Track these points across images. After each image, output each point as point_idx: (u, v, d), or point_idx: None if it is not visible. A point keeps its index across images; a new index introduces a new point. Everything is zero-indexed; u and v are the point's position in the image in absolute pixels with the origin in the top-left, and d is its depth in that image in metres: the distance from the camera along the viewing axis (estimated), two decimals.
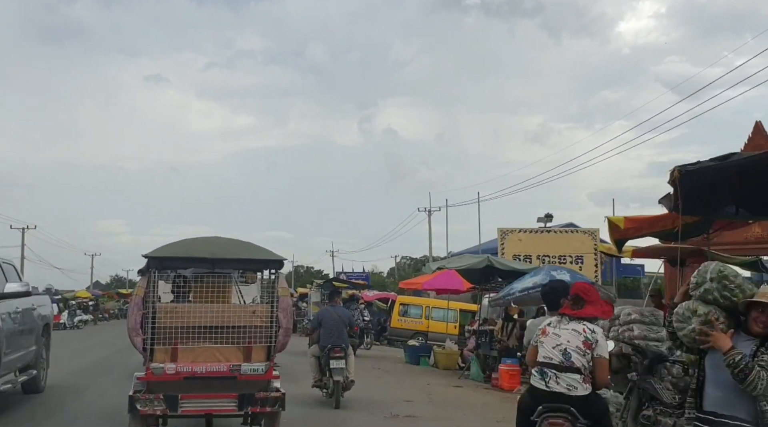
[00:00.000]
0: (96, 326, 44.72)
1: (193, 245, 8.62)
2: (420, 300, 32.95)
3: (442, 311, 30.04)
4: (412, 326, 30.49)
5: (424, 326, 30.50)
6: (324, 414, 11.51)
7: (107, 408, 10.95)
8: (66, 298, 49.29)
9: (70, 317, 40.71)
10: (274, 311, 8.28)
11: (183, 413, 8.01)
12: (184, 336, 8.04)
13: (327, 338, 12.58)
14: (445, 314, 29.92)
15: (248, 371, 8.14)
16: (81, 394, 12.78)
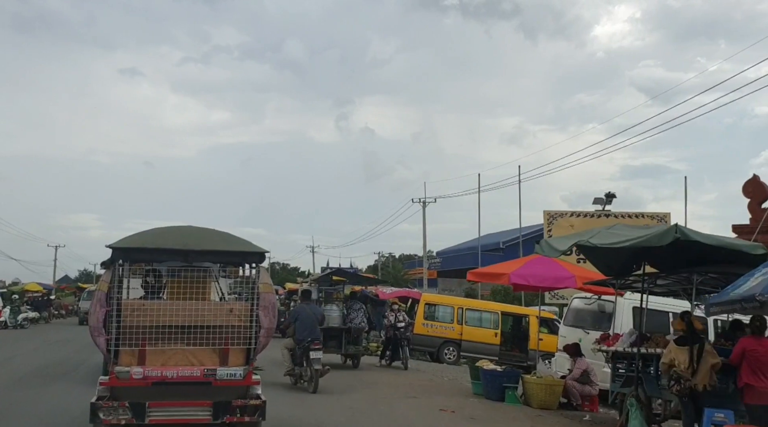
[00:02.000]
0: (48, 325, 39.94)
1: (164, 234, 7.88)
2: (451, 299, 27.17)
3: (479, 314, 24.75)
4: (441, 332, 24.23)
5: (456, 332, 24.14)
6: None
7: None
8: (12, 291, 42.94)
9: (13, 315, 35.98)
10: (254, 309, 7.63)
11: (151, 422, 7.30)
12: (153, 336, 7.35)
13: (303, 333, 13.86)
14: (484, 317, 24.56)
15: (225, 376, 7.48)
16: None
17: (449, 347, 23.78)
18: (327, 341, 16.93)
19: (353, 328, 18.15)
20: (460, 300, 27.14)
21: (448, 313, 24.50)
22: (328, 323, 17.24)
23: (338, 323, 18.15)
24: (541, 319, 22.48)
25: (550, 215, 25.56)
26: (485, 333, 23.74)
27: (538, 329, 21.46)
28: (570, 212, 25.68)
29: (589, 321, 15.92)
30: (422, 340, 23.80)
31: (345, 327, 18.08)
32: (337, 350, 18.11)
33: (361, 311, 18.58)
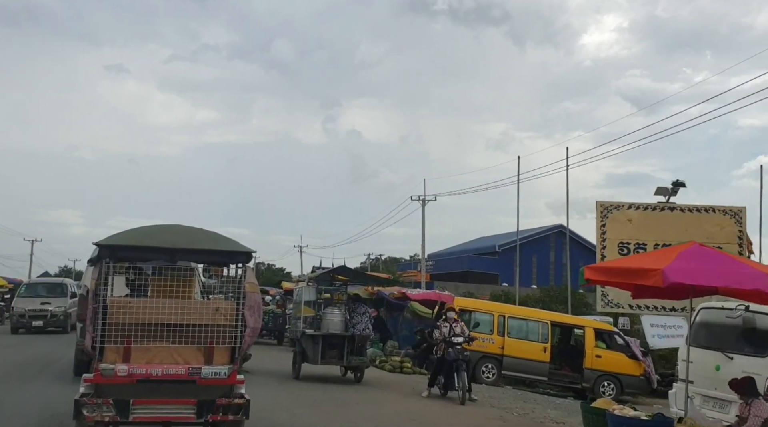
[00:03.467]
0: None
1: (151, 233, 8.01)
2: (491, 305, 23.18)
3: (524, 324, 20.58)
4: (479, 345, 19.71)
5: (496, 346, 20.19)
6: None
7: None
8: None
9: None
10: (240, 308, 7.79)
11: (135, 420, 7.42)
12: (138, 334, 7.49)
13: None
14: (530, 328, 20.57)
15: (209, 375, 7.61)
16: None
17: (488, 364, 19.96)
18: (327, 351, 15.83)
19: (357, 335, 16.08)
20: (502, 306, 22.71)
21: (487, 322, 20.37)
22: (328, 330, 15.91)
23: (340, 330, 16.02)
24: (597, 331, 20.55)
25: (604, 207, 21.95)
26: (532, 348, 19.91)
27: (594, 344, 19.60)
28: (627, 204, 22.34)
29: (732, 341, 11.57)
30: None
31: (348, 335, 16.01)
32: (338, 361, 16.19)
33: (365, 315, 16.63)
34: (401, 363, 19.96)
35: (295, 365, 16.36)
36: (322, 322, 15.99)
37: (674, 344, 22.35)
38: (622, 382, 19.82)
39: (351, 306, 16.70)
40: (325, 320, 15.95)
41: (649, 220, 22.00)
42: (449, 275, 52.55)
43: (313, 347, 15.80)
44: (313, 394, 13.76)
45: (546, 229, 59.81)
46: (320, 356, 15.79)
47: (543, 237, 58.12)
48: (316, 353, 15.78)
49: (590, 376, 19.59)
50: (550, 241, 58.60)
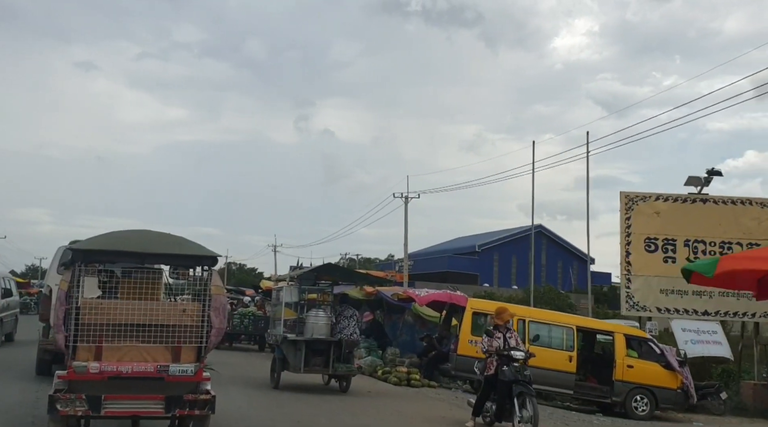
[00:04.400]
0: None
1: (121, 238, 8.56)
2: (511, 308, 18.64)
3: (547, 329, 17.99)
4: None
5: None
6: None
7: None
8: None
9: None
10: (206, 309, 8.34)
11: (106, 414, 7.96)
12: (109, 334, 8.02)
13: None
14: (554, 334, 18.17)
15: (176, 372, 8.13)
16: None
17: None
18: (310, 358, 14.73)
19: (345, 341, 14.91)
20: (522, 309, 20.07)
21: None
22: (312, 334, 14.82)
23: (325, 334, 14.91)
24: (628, 338, 18.20)
25: (629, 198, 20.22)
26: (556, 356, 17.42)
27: (625, 352, 17.65)
28: (655, 195, 20.52)
29: None
30: (468, 364, 16.75)
31: (334, 340, 14.88)
32: (323, 368, 15.05)
33: (353, 318, 15.37)
34: (408, 375, 18.07)
35: (274, 374, 15.15)
36: (306, 325, 14.92)
37: (710, 351, 21.10)
38: (657, 396, 17.50)
39: (337, 308, 15.68)
40: (309, 323, 14.89)
41: (679, 213, 20.43)
42: (428, 275, 53.16)
43: (295, 354, 14.68)
44: (297, 409, 12.67)
45: (525, 229, 60.53)
46: (303, 363, 14.63)
47: (521, 237, 58.87)
48: (299, 360, 14.62)
49: (621, 389, 17.36)
50: (529, 241, 59.32)
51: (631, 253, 20.59)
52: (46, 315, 13.91)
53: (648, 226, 20.45)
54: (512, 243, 58.09)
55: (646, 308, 20.56)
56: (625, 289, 20.67)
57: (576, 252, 61.59)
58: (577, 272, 56.66)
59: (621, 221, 20.46)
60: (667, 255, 20.50)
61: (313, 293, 15.95)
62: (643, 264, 20.62)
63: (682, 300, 20.29)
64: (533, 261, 40.86)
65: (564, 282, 57.76)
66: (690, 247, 20.35)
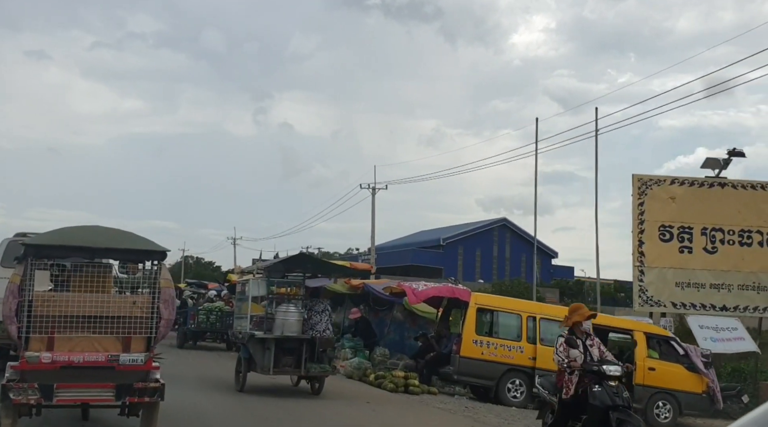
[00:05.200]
0: None
1: (72, 233, 8.97)
2: (518, 303, 18.34)
3: (557, 326, 14.85)
4: (503, 355, 16.03)
5: (525, 356, 16.05)
6: None
7: None
8: None
9: None
10: (155, 302, 8.78)
11: (58, 402, 8.35)
12: (61, 325, 8.39)
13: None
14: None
15: (127, 362, 8.50)
16: None
17: (515, 380, 15.92)
18: (281, 358, 13.58)
19: (318, 338, 13.78)
20: (531, 305, 18.45)
21: (513, 324, 16.43)
22: (282, 331, 13.63)
23: (296, 332, 13.72)
24: (649, 336, 16.47)
25: (642, 182, 18.66)
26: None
27: (647, 354, 16.02)
28: (670, 178, 19.21)
29: None
30: (472, 367, 15.80)
31: (306, 337, 13.70)
32: (294, 369, 13.92)
33: (325, 313, 14.12)
34: (406, 379, 16.25)
35: (240, 375, 14.10)
36: (275, 322, 13.77)
37: (731, 348, 19.23)
38: (680, 401, 16.00)
39: (308, 303, 14.47)
40: (278, 319, 13.70)
41: (696, 198, 19.12)
42: (392, 269, 53.60)
43: (264, 353, 13.54)
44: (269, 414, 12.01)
45: (489, 222, 61.37)
46: (273, 363, 13.51)
47: (486, 231, 59.72)
48: (267, 360, 13.50)
49: (642, 394, 15.67)
50: (493, 234, 60.22)
51: (645, 242, 19.52)
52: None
53: (662, 212, 19.23)
54: (476, 237, 58.82)
55: (660, 303, 19.27)
56: (638, 282, 19.59)
57: (540, 246, 62.65)
58: (540, 266, 57.48)
59: (633, 207, 19.24)
60: (683, 245, 19.42)
61: (282, 286, 14.78)
62: (658, 255, 19.63)
63: (698, 294, 19.24)
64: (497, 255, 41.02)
65: (528, 276, 58.78)
66: (707, 235, 19.40)
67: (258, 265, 16.33)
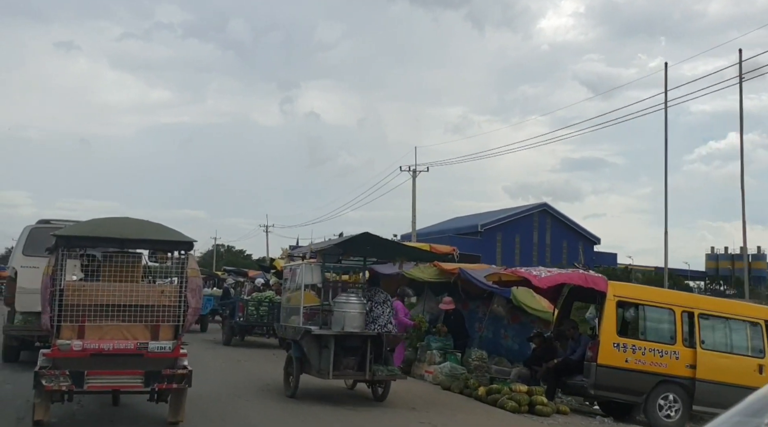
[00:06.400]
0: None
1: (103, 225, 9.24)
2: (671, 295, 15.79)
3: (723, 325, 13.55)
4: (652, 362, 12.83)
5: (682, 364, 12.93)
6: None
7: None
8: None
9: None
10: (182, 291, 9.04)
11: (89, 389, 8.63)
12: (91, 314, 8.67)
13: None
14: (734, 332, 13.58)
15: (155, 349, 8.79)
16: None
17: (668, 395, 12.82)
18: (341, 358, 11.69)
19: (386, 335, 11.90)
20: (687, 298, 15.36)
21: (665, 323, 13.43)
22: (344, 327, 11.62)
23: (359, 327, 11.74)
24: None
25: None
26: (739, 366, 13.01)
27: None
28: None
29: None
30: (613, 378, 12.65)
31: (372, 334, 11.82)
32: (357, 372, 11.94)
33: (387, 304, 12.29)
34: (530, 395, 12.62)
35: (290, 378, 12.19)
36: (333, 316, 11.78)
37: None
38: None
39: (367, 293, 12.56)
40: (338, 312, 11.71)
41: None
42: None
43: (320, 353, 11.68)
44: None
45: (529, 208, 60.93)
46: (332, 365, 11.55)
47: (525, 216, 59.37)
48: (326, 361, 11.57)
49: None
50: (533, 220, 59.81)
51: None
52: (11, 299, 13.89)
53: None
54: (515, 222, 58.51)
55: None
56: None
57: (581, 231, 61.90)
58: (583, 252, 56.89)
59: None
60: None
61: (340, 271, 13.48)
62: None
63: None
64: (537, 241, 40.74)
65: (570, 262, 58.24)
66: None
67: (311, 247, 13.37)
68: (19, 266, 13.64)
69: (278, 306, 18.64)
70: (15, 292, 13.57)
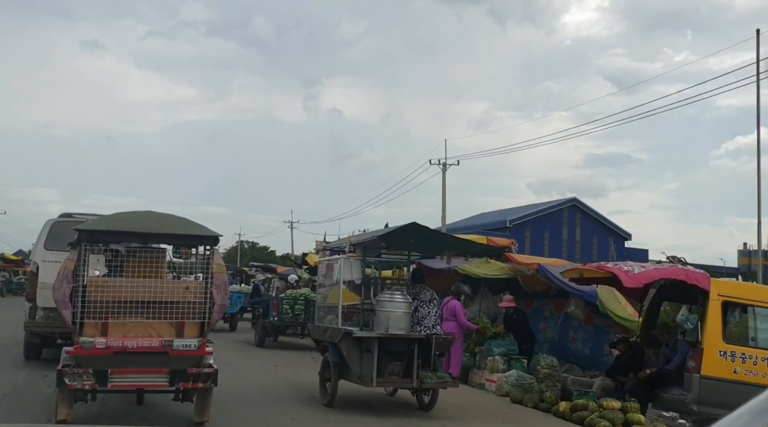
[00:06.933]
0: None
1: (126, 219, 9.00)
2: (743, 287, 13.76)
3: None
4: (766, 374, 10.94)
5: None
6: None
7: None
8: None
9: None
10: (208, 287, 8.79)
11: (113, 388, 8.37)
12: (115, 311, 8.43)
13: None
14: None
15: (180, 347, 8.52)
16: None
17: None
18: (385, 364, 10.60)
19: (436, 338, 10.81)
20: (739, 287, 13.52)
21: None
22: (388, 329, 10.54)
23: (405, 329, 10.65)
24: None
25: None
26: None
27: None
28: None
29: None
30: (720, 392, 10.79)
31: (420, 336, 10.68)
32: (403, 379, 10.77)
33: (433, 303, 11.19)
34: (625, 413, 10.79)
35: (327, 384, 11.19)
36: (377, 316, 10.69)
37: None
38: None
39: (412, 291, 11.33)
40: (382, 312, 10.63)
41: None
42: None
43: (362, 357, 10.63)
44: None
45: (558, 203, 60.24)
46: (376, 370, 10.41)
47: (555, 212, 58.69)
48: (368, 366, 10.49)
49: None
50: (562, 216, 59.11)
51: None
52: (33, 294, 13.66)
53: None
54: (544, 218, 57.90)
55: None
56: None
57: (612, 227, 61.18)
58: (614, 248, 56.19)
59: None
60: None
61: (382, 267, 12.42)
62: None
63: None
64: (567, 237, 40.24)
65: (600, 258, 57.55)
66: None
67: (350, 239, 12.17)
68: (41, 260, 13.43)
69: (314, 304, 17.21)
70: (36, 287, 13.34)
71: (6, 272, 47.76)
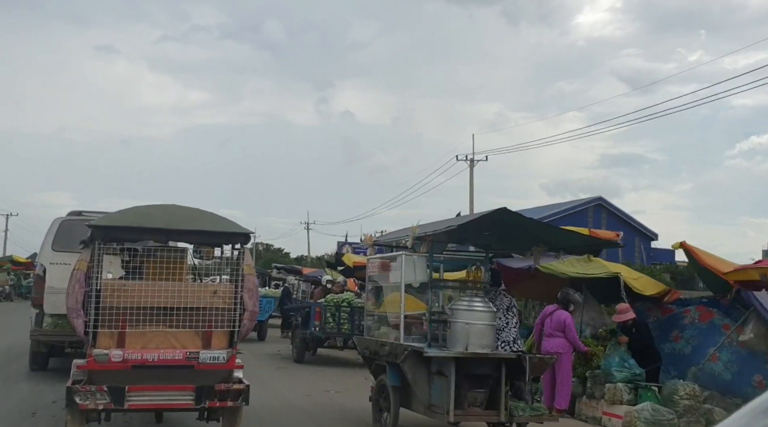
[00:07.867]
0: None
1: (145, 213, 7.87)
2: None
3: None
4: None
5: None
6: None
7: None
8: None
9: None
10: (238, 291, 7.74)
11: (130, 407, 7.35)
12: (133, 318, 7.39)
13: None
14: None
15: (207, 360, 7.48)
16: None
17: None
18: (464, 391, 8.47)
19: (530, 360, 8.78)
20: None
21: None
22: (468, 346, 8.45)
23: (489, 346, 8.63)
24: None
25: None
26: None
27: None
28: None
29: None
30: None
31: (510, 356, 8.72)
32: (488, 411, 8.66)
33: (512, 312, 9.31)
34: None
35: (384, 415, 9.18)
36: (452, 329, 8.62)
37: None
38: None
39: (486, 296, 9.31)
40: (460, 325, 8.53)
41: None
42: None
43: (432, 382, 8.66)
44: None
45: (583, 202, 59.14)
46: (454, 399, 8.30)
47: (579, 211, 57.55)
48: (443, 394, 8.41)
49: None
50: (587, 215, 57.95)
51: None
52: (39, 300, 12.50)
53: None
54: (569, 217, 56.74)
55: None
56: None
57: (638, 227, 60.06)
58: (640, 248, 55.25)
59: None
60: None
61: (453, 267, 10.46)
62: None
63: None
64: None
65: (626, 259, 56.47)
66: None
67: (414, 230, 9.36)
68: (48, 262, 12.35)
69: (357, 311, 16.33)
70: (44, 292, 12.23)
71: (15, 275, 46.98)
